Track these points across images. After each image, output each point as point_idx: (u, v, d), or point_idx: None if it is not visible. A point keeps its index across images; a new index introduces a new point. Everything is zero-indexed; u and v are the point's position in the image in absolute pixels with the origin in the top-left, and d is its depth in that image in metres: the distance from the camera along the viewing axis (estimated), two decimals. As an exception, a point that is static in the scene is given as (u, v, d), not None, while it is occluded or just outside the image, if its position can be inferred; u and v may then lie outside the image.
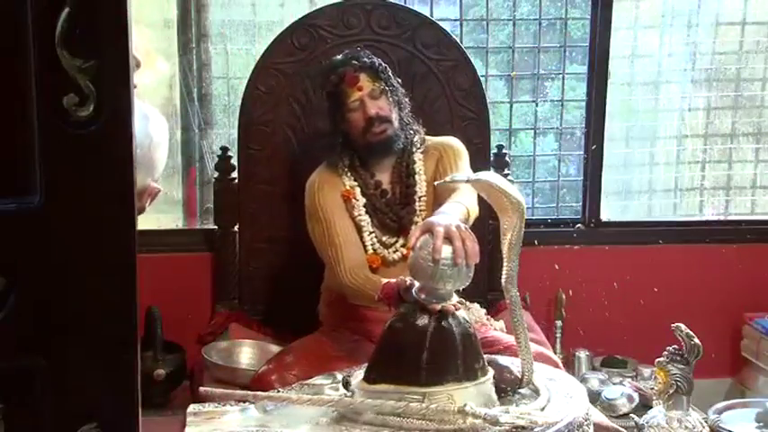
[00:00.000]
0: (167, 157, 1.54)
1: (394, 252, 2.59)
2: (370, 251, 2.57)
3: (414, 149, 2.64)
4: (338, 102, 2.58)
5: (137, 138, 1.33)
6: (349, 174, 2.62)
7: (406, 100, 2.66)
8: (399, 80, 2.67)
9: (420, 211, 2.60)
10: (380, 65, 2.60)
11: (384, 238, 2.60)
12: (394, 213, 2.60)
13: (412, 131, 2.65)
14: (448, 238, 1.94)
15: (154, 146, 1.42)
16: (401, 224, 2.60)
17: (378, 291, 2.26)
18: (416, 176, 2.63)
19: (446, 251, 1.92)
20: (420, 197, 2.61)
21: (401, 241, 2.59)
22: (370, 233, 2.59)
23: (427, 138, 2.70)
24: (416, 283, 2.00)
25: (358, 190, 2.60)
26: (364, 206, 2.60)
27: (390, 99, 2.59)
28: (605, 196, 3.57)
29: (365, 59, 2.58)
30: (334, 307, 2.68)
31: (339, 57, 2.63)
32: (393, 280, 2.22)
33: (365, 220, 2.59)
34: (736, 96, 3.68)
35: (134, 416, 0.94)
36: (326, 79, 2.61)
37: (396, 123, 2.59)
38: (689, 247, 3.57)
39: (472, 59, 3.13)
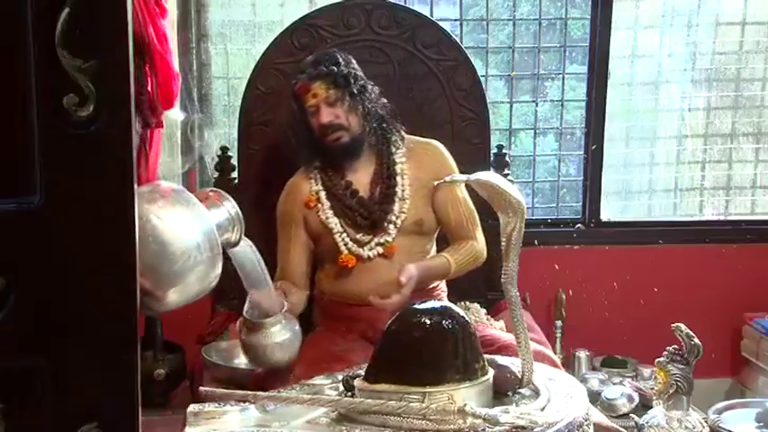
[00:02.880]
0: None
1: (369, 250, 2.60)
2: (345, 251, 2.59)
3: (393, 149, 2.65)
4: (300, 105, 2.62)
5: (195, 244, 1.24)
6: (319, 177, 2.66)
7: (378, 99, 2.64)
8: (372, 83, 2.65)
9: (400, 212, 2.61)
10: (340, 72, 2.57)
11: (358, 236, 2.61)
12: (365, 209, 2.61)
13: (389, 132, 2.65)
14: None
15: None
16: (372, 220, 2.60)
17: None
18: (398, 177, 2.63)
19: None
20: (402, 198, 2.62)
21: (376, 239, 2.60)
22: (341, 233, 2.61)
23: (408, 137, 2.70)
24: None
25: (323, 194, 2.64)
26: (331, 208, 2.63)
27: (348, 106, 2.57)
28: (605, 196, 3.57)
29: (323, 67, 2.57)
30: (326, 310, 2.70)
31: (308, 59, 2.65)
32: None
33: (333, 221, 2.62)
34: (736, 96, 3.68)
35: (134, 416, 0.94)
36: (292, 83, 2.65)
37: (355, 129, 2.59)
38: (689, 247, 3.57)
39: (472, 59, 3.13)
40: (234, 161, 3.08)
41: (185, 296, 1.26)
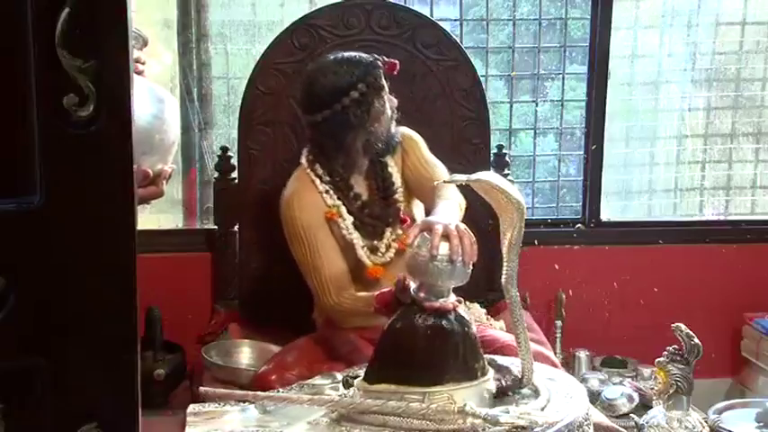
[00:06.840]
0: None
1: (386, 251, 2.56)
2: (369, 264, 2.54)
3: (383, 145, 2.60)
4: (377, 85, 2.49)
5: (152, 122, 1.35)
6: (331, 192, 2.54)
7: None
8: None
9: (399, 203, 2.60)
10: None
11: (375, 243, 2.56)
12: (374, 219, 2.58)
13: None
14: (446, 236, 1.96)
15: (168, 129, 1.42)
16: (382, 220, 2.58)
17: (372, 304, 2.23)
18: (389, 169, 2.62)
19: (443, 248, 1.96)
20: (396, 189, 2.61)
21: (389, 237, 2.57)
22: (362, 247, 2.54)
23: None
24: (413, 284, 2.00)
25: (343, 209, 2.54)
26: (352, 223, 2.54)
27: None
28: (605, 196, 3.57)
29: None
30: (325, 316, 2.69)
31: (364, 56, 2.53)
32: (385, 289, 2.21)
33: (355, 235, 2.53)
34: (736, 96, 3.68)
35: (134, 416, 0.94)
36: (370, 75, 2.48)
37: None
38: (689, 247, 3.57)
39: (472, 59, 3.13)
40: (234, 161, 3.09)
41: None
